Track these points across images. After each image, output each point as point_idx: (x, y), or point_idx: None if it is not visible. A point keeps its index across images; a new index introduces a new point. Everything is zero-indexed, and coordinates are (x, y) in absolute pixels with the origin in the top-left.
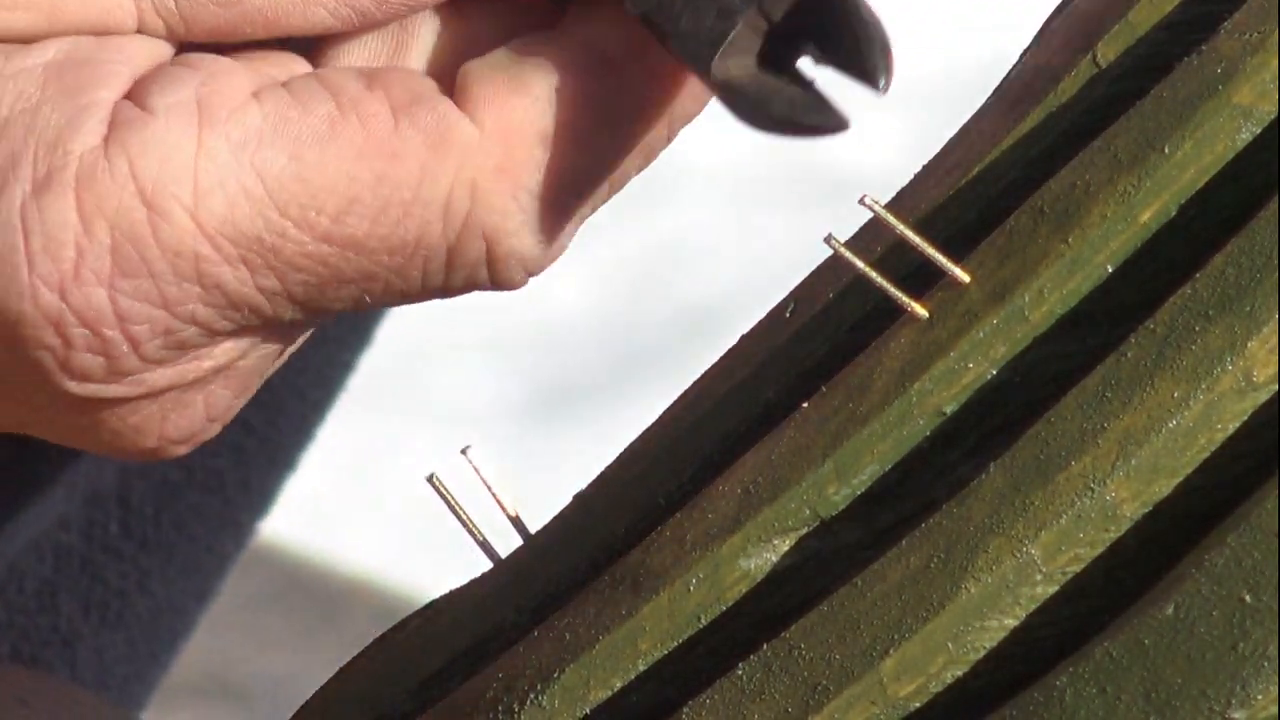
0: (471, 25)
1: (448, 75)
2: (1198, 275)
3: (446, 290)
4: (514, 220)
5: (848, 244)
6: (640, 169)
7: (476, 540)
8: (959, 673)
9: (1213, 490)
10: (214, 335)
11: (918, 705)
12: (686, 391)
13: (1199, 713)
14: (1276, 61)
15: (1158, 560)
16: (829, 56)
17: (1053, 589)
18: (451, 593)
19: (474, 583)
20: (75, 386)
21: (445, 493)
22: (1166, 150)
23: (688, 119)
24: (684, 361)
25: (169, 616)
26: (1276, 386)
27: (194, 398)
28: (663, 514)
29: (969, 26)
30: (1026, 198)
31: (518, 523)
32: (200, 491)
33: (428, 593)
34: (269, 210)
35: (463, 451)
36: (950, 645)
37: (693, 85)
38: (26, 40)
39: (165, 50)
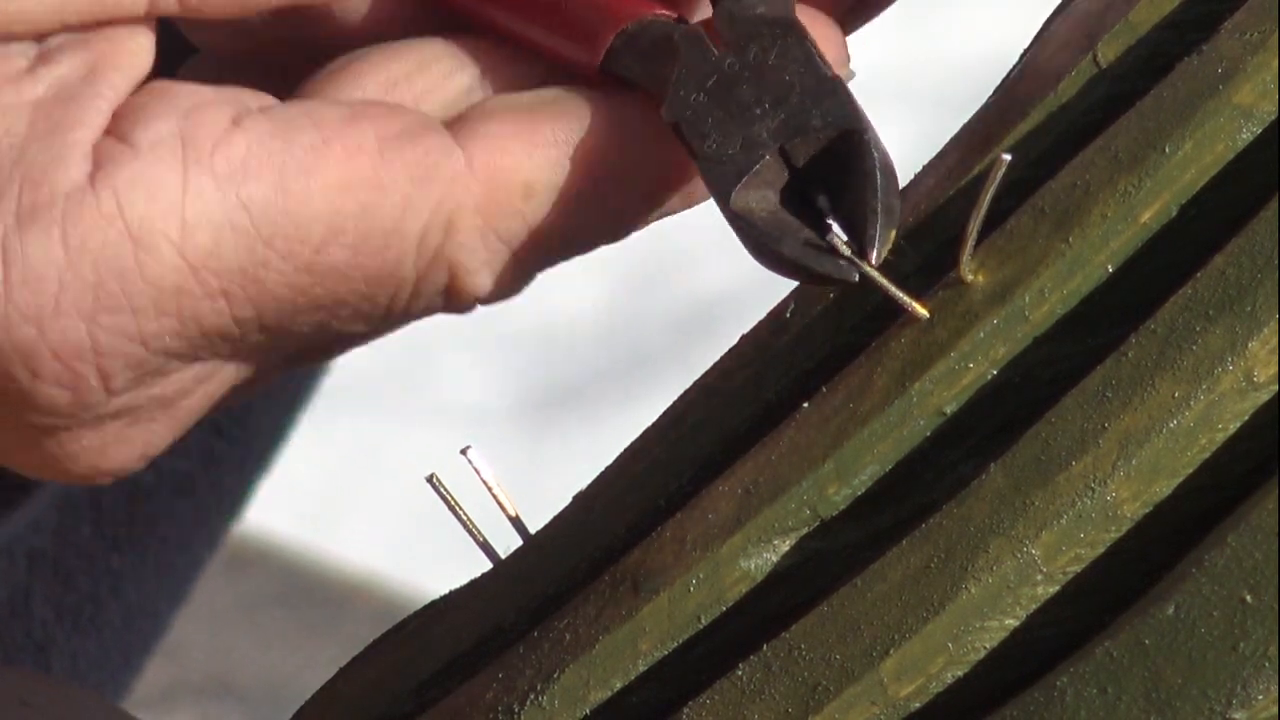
0: (502, 69)
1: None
2: (1198, 275)
3: (407, 316)
4: (477, 259)
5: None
6: (622, 237)
7: (476, 540)
8: (959, 673)
9: (1213, 490)
10: (179, 363)
11: (918, 706)
12: (687, 392)
13: (1199, 713)
14: (1277, 62)
15: (1158, 560)
16: (837, 212)
17: (1053, 589)
18: (451, 593)
19: (474, 583)
20: (34, 418)
21: (445, 493)
22: (1167, 150)
23: (687, 208)
24: (684, 361)
25: (141, 620)
26: (1277, 387)
27: (136, 433)
28: (663, 514)
29: (969, 26)
30: (1027, 198)
31: (518, 523)
32: (172, 494)
33: (428, 593)
34: (255, 243)
35: (463, 451)
36: (951, 645)
37: (701, 186)
38: (37, 35)
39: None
